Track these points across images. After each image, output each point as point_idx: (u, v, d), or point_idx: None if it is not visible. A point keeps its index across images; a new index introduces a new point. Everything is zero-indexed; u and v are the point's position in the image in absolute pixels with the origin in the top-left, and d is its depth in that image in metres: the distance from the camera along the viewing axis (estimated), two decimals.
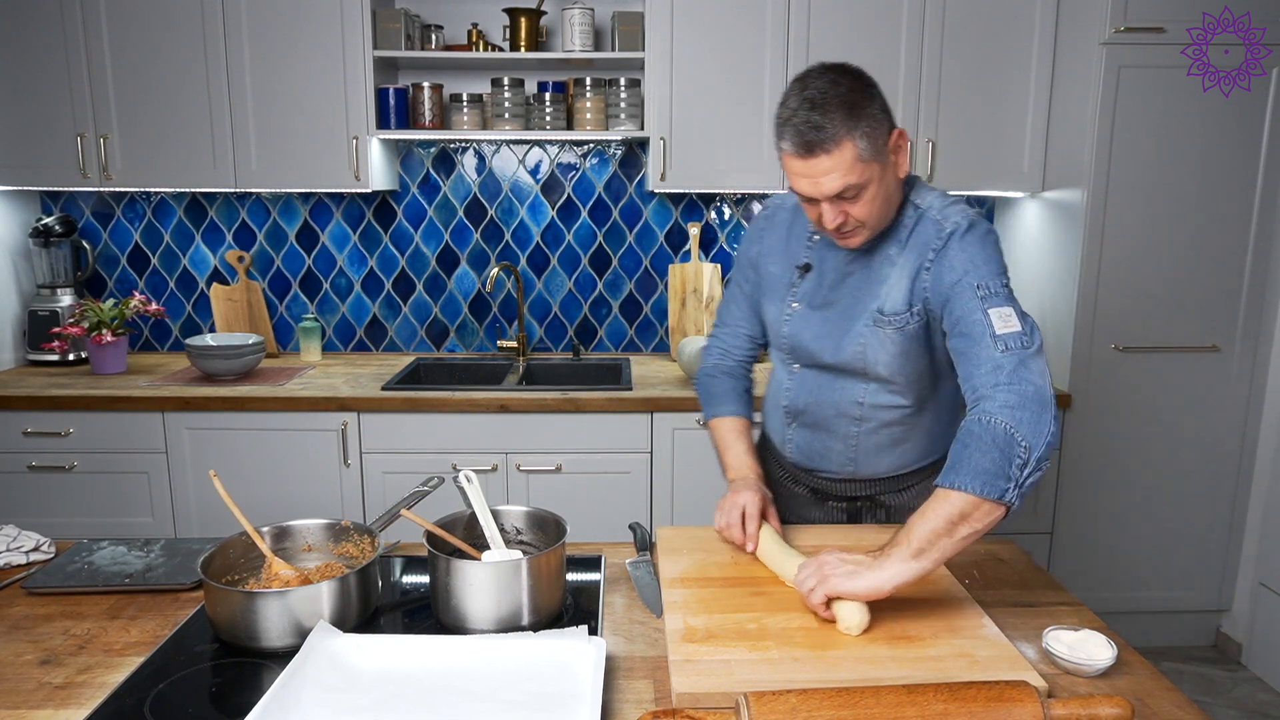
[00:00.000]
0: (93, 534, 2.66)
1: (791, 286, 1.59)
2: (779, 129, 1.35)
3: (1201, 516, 2.90)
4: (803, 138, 1.31)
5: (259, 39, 2.77)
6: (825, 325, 1.54)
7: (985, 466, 1.23)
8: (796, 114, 1.32)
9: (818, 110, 1.31)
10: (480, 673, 1.12)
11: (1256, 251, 2.75)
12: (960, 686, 1.01)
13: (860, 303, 1.50)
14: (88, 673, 1.18)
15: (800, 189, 1.38)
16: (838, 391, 1.57)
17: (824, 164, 1.33)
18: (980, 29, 2.81)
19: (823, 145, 1.31)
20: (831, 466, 1.65)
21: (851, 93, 1.33)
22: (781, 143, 1.35)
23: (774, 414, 1.72)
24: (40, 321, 3.01)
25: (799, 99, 1.33)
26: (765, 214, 1.68)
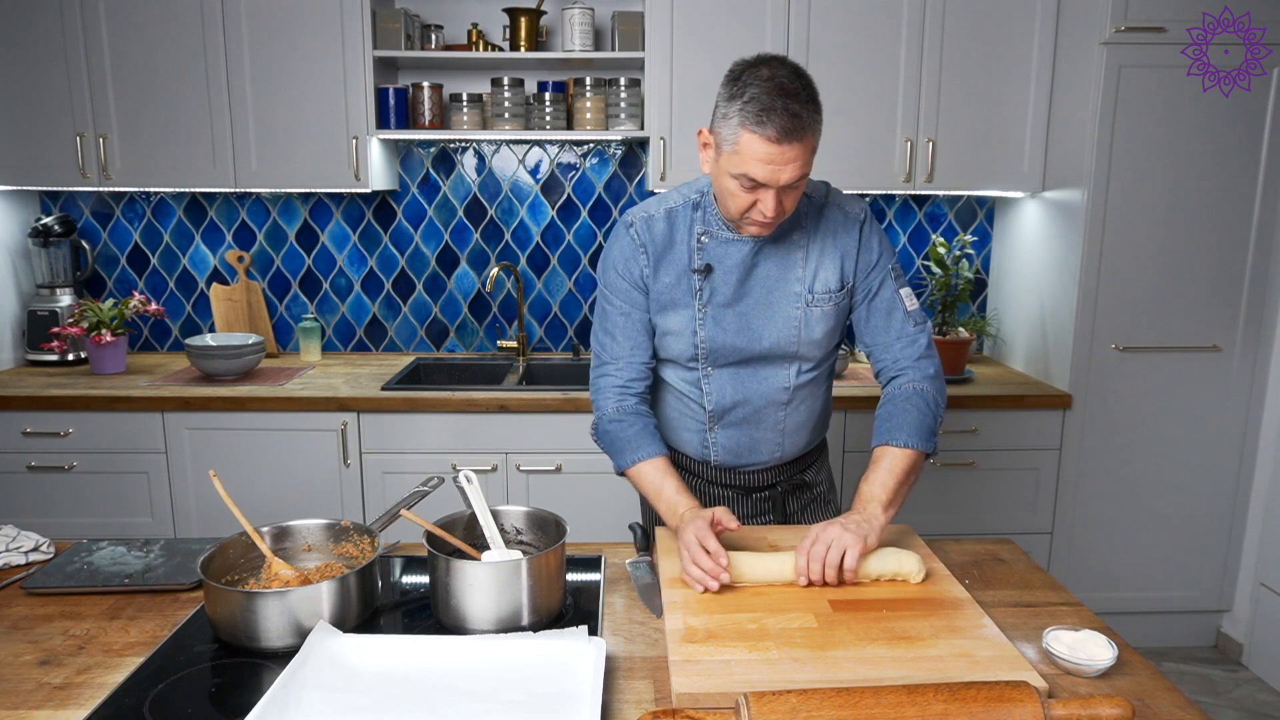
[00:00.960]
0: (92, 534, 2.66)
1: (696, 291, 1.57)
2: (752, 114, 1.35)
3: (1201, 516, 2.90)
4: (782, 125, 1.34)
5: (259, 39, 2.77)
6: (743, 319, 1.58)
7: (923, 426, 1.52)
8: (775, 100, 1.34)
9: (794, 100, 1.35)
10: (480, 673, 1.12)
11: (1256, 251, 2.75)
12: (960, 686, 1.00)
13: (779, 289, 1.57)
14: (87, 673, 1.18)
15: (755, 174, 1.38)
16: (763, 381, 1.62)
17: (792, 152, 1.36)
18: (980, 29, 2.81)
19: (799, 134, 1.36)
20: (761, 457, 1.69)
21: (811, 87, 1.41)
22: (753, 127, 1.35)
23: (683, 424, 1.69)
24: (40, 321, 3.01)
25: (770, 86, 1.35)
26: (633, 230, 1.59)
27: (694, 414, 1.67)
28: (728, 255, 1.56)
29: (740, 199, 1.43)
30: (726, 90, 1.40)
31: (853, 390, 2.74)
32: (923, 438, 1.50)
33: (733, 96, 1.38)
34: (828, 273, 1.57)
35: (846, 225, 1.58)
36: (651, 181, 2.91)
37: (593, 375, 1.67)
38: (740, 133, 1.37)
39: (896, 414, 1.53)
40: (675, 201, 1.60)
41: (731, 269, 1.56)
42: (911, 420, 1.51)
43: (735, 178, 1.41)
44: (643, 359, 1.63)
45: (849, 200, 1.62)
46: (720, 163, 1.43)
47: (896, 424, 1.51)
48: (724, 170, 1.42)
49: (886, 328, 1.60)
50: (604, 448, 1.64)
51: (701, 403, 1.65)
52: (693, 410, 1.67)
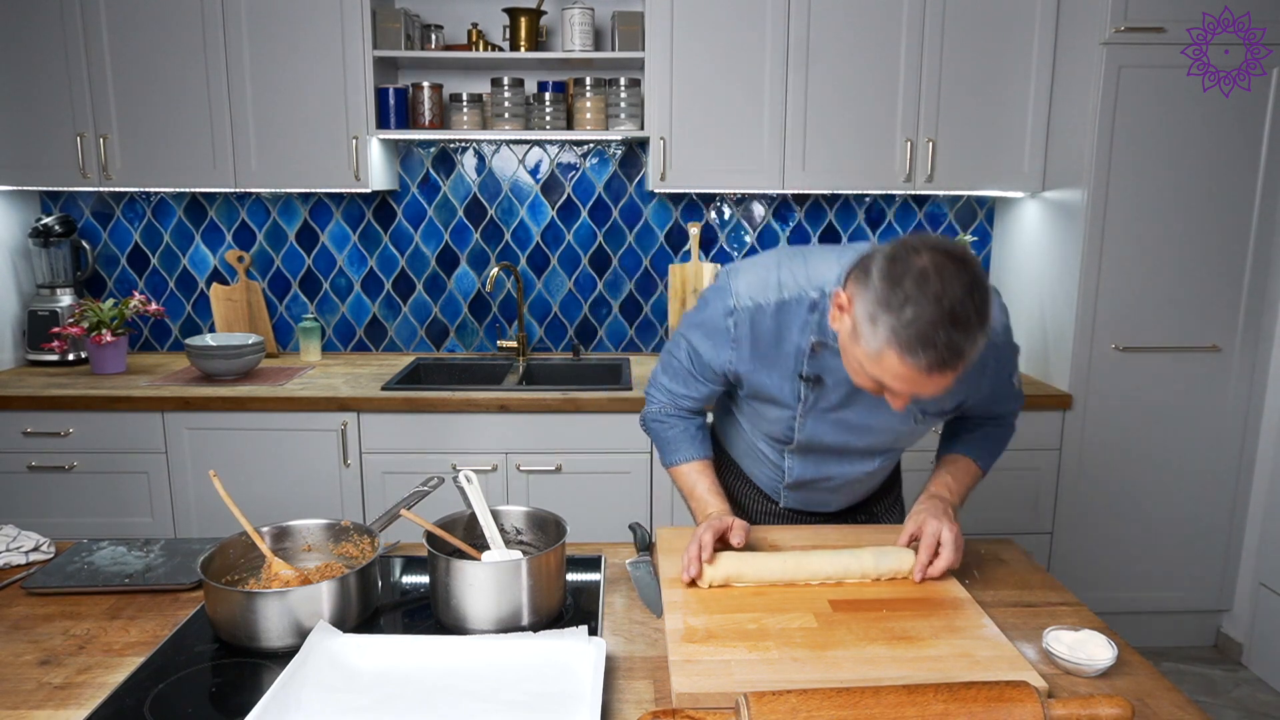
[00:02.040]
0: (93, 534, 2.66)
1: (800, 399, 1.46)
2: (905, 340, 1.12)
3: (1201, 516, 2.90)
4: (940, 359, 1.12)
5: (259, 39, 2.77)
6: (843, 424, 1.49)
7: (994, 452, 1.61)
8: (938, 332, 1.10)
9: (960, 329, 1.11)
10: (480, 673, 1.12)
11: (1256, 251, 2.75)
12: (960, 686, 1.01)
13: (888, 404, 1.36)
14: (87, 673, 1.18)
15: (892, 387, 1.20)
16: (849, 466, 1.58)
17: (942, 380, 1.16)
18: (980, 29, 2.81)
19: (955, 367, 1.14)
20: (831, 509, 1.69)
21: (985, 303, 1.14)
22: (904, 354, 1.13)
23: (757, 466, 1.67)
24: (40, 321, 3.01)
25: (937, 311, 1.10)
26: (733, 320, 1.42)
27: (770, 475, 1.65)
28: (840, 366, 1.35)
29: (869, 386, 1.25)
30: (883, 287, 1.13)
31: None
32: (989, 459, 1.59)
33: (889, 303, 1.12)
34: (944, 397, 1.44)
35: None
36: (651, 181, 2.91)
37: (649, 383, 1.66)
38: (886, 349, 1.14)
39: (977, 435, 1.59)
40: (790, 292, 1.38)
41: (843, 380, 1.40)
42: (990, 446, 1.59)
43: (868, 375, 1.22)
44: (691, 405, 1.60)
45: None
46: (854, 349, 1.21)
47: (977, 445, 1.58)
48: (856, 357, 1.22)
49: (990, 408, 1.58)
50: (652, 439, 1.68)
51: (782, 468, 1.61)
52: (769, 471, 1.65)
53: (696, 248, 3.22)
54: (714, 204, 3.24)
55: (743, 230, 3.26)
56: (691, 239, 3.22)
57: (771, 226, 3.26)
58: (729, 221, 3.26)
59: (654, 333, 3.34)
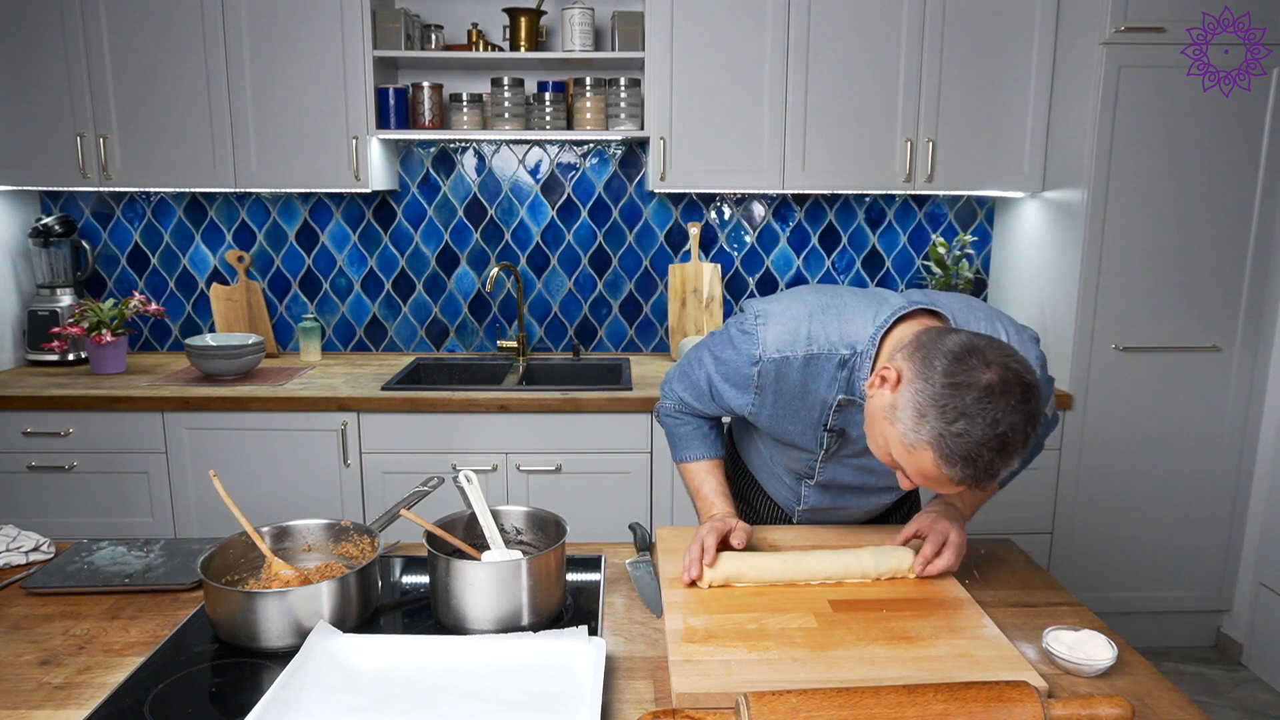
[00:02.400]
0: (93, 534, 2.66)
1: (822, 447, 1.45)
2: (948, 450, 1.09)
3: (1201, 516, 2.90)
4: (975, 476, 1.11)
5: (259, 39, 2.77)
6: (865, 468, 1.49)
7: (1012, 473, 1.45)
8: (983, 453, 1.09)
9: (1004, 456, 1.10)
10: (480, 673, 1.12)
11: (1256, 251, 2.75)
12: (960, 686, 1.01)
13: None
14: (87, 673, 1.18)
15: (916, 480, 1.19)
16: (865, 499, 1.59)
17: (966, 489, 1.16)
18: (980, 29, 2.81)
19: (986, 483, 1.13)
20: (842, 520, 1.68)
21: (1034, 432, 1.12)
22: (941, 460, 1.10)
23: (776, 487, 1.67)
24: (40, 321, 3.01)
25: (990, 434, 1.08)
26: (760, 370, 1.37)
27: (788, 492, 1.64)
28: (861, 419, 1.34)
29: (885, 460, 1.22)
30: (943, 386, 1.09)
31: None
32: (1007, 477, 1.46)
33: (943, 409, 1.09)
34: None
35: None
36: (651, 181, 2.91)
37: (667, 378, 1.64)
38: (924, 450, 1.12)
39: None
40: (820, 347, 1.34)
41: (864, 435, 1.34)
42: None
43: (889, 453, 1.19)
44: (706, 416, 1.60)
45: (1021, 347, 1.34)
46: (886, 428, 1.17)
47: None
48: (885, 434, 1.18)
49: None
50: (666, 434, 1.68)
51: (797, 495, 1.62)
52: (786, 489, 1.64)
53: (696, 248, 3.22)
54: (714, 204, 3.24)
55: (743, 230, 3.26)
56: (691, 239, 3.22)
57: (771, 226, 3.26)
58: (729, 221, 3.26)
59: (654, 333, 3.34)
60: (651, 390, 2.73)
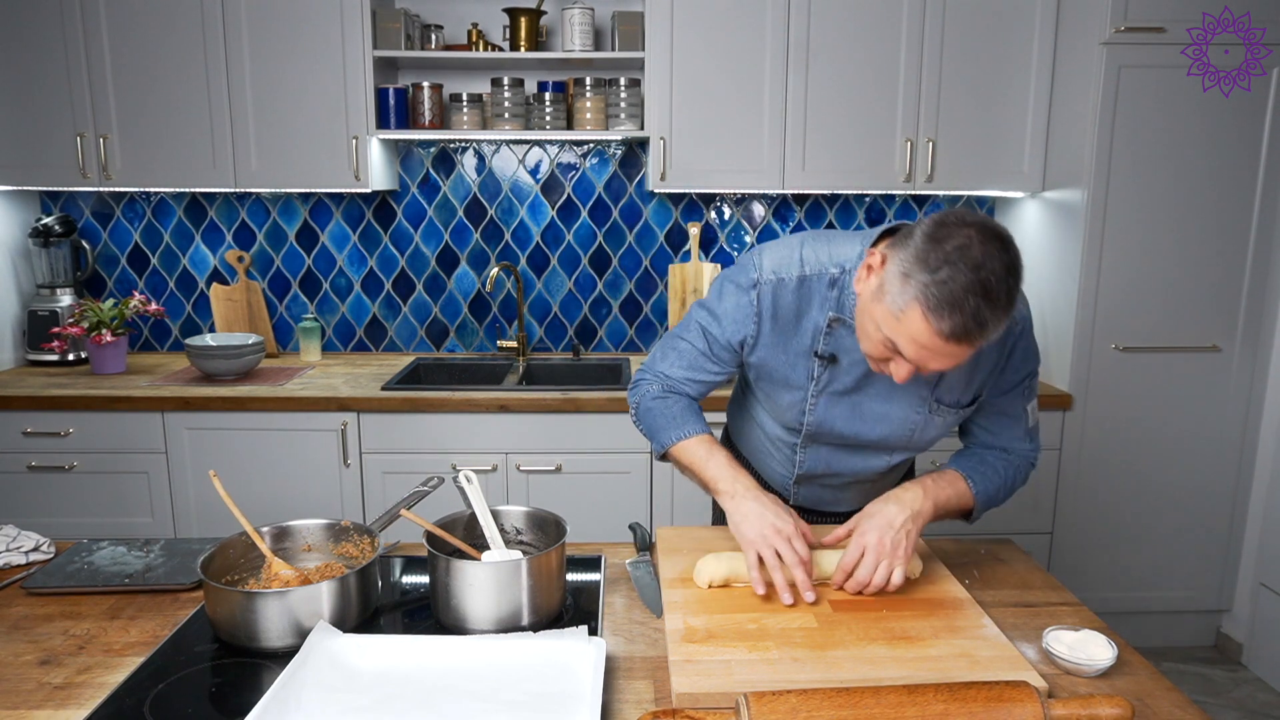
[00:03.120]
0: (93, 534, 2.66)
1: (814, 376, 1.45)
2: (930, 299, 1.13)
3: (1201, 516, 2.90)
4: (964, 327, 1.13)
5: (259, 39, 2.77)
6: (857, 409, 1.47)
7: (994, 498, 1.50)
8: (969, 299, 1.11)
9: (990, 302, 1.12)
10: (480, 673, 1.12)
11: (1256, 251, 2.75)
12: (960, 686, 1.01)
13: (903, 389, 1.42)
14: (87, 673, 1.18)
15: (907, 353, 1.20)
16: (861, 461, 1.56)
17: (960, 352, 1.17)
18: (980, 29, 2.81)
19: (975, 340, 1.15)
20: (842, 509, 1.67)
21: (1017, 288, 1.16)
22: (926, 313, 1.13)
23: (769, 465, 1.66)
24: (40, 321, 3.01)
25: (974, 279, 1.11)
26: (758, 294, 1.42)
27: (781, 466, 1.63)
28: (856, 347, 1.38)
29: (876, 350, 1.26)
30: (924, 247, 1.15)
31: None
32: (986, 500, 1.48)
33: (926, 262, 1.14)
34: (960, 384, 1.43)
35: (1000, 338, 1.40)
36: (651, 181, 2.91)
37: (636, 375, 1.62)
38: (912, 306, 1.15)
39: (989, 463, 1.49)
40: (812, 268, 1.40)
41: (858, 361, 1.40)
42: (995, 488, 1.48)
43: (882, 336, 1.22)
44: (692, 392, 1.55)
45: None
46: (876, 308, 1.21)
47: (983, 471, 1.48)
48: (875, 318, 1.22)
49: (996, 433, 1.51)
50: (646, 427, 1.55)
51: (793, 462, 1.60)
52: (781, 463, 1.63)
53: (696, 248, 3.22)
54: (714, 204, 3.24)
55: (743, 230, 3.26)
56: (691, 239, 3.22)
57: (771, 226, 3.26)
58: (729, 221, 3.26)
59: (654, 333, 3.34)
60: None
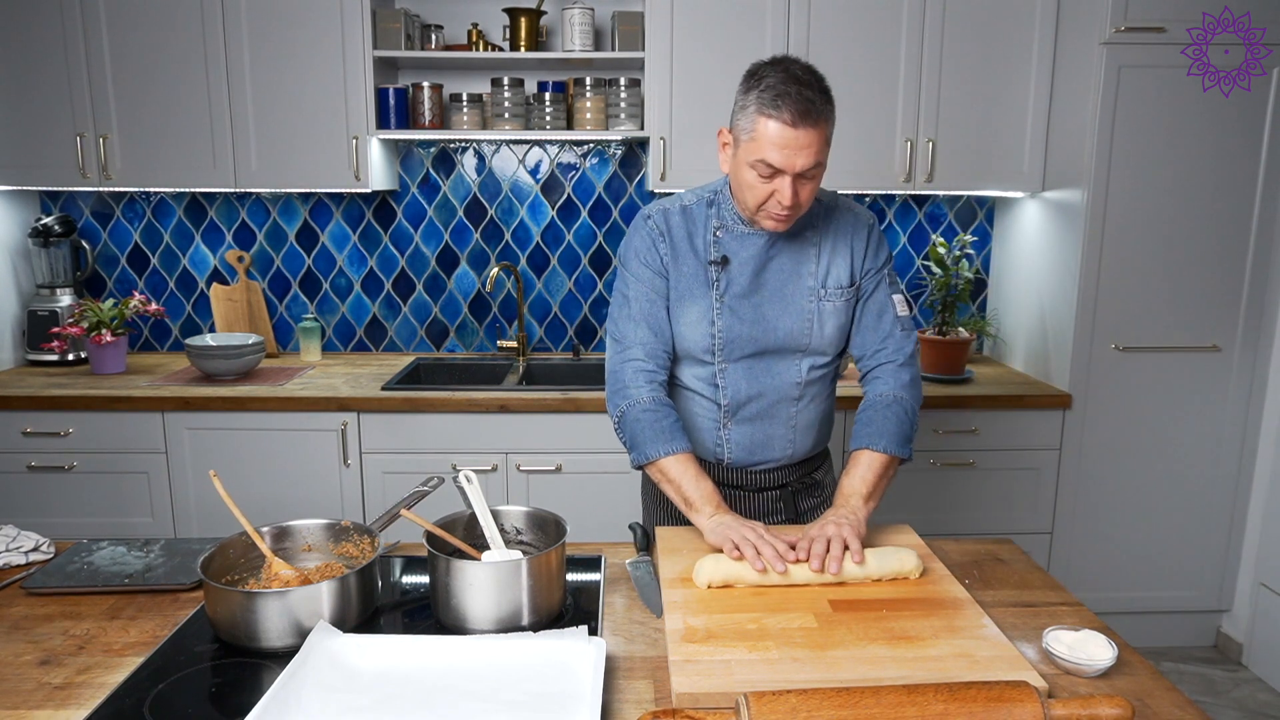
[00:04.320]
0: (92, 534, 2.67)
1: (713, 283, 1.62)
2: (768, 99, 1.42)
3: (1201, 516, 2.90)
4: (798, 108, 1.40)
5: (259, 39, 2.77)
6: (758, 310, 1.62)
7: (901, 434, 1.60)
8: (789, 87, 1.41)
9: (808, 88, 1.42)
10: (480, 673, 1.12)
11: (1256, 251, 2.75)
12: (960, 686, 1.00)
13: (793, 283, 1.63)
14: (87, 673, 1.18)
15: (773, 160, 1.44)
16: (776, 375, 1.67)
17: (807, 137, 1.42)
18: (980, 29, 2.81)
19: (813, 119, 1.42)
20: (774, 454, 1.71)
21: (823, 81, 1.47)
22: (770, 111, 1.42)
23: (695, 423, 1.71)
24: (40, 321, 3.01)
25: (785, 76, 1.43)
26: (651, 221, 1.65)
27: (708, 412, 1.70)
28: (743, 248, 1.62)
29: (758, 190, 1.49)
30: (744, 85, 1.48)
31: (855, 390, 2.73)
32: (900, 444, 1.59)
33: (749, 89, 1.46)
34: (839, 269, 1.64)
35: (857, 226, 1.67)
36: (651, 181, 2.91)
37: (614, 362, 1.65)
38: (757, 119, 1.44)
39: (877, 420, 1.61)
40: (690, 200, 1.67)
41: (747, 261, 1.61)
42: (891, 428, 1.59)
43: (753, 166, 1.46)
44: (664, 347, 1.65)
45: (858, 205, 1.71)
46: (739, 154, 1.49)
47: (877, 430, 1.59)
48: (742, 161, 1.48)
49: (875, 328, 1.68)
50: (629, 436, 1.59)
51: (717, 399, 1.68)
52: (707, 408, 1.70)
53: None
54: None
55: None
56: None
57: None
58: None
59: None
60: None
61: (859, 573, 1.39)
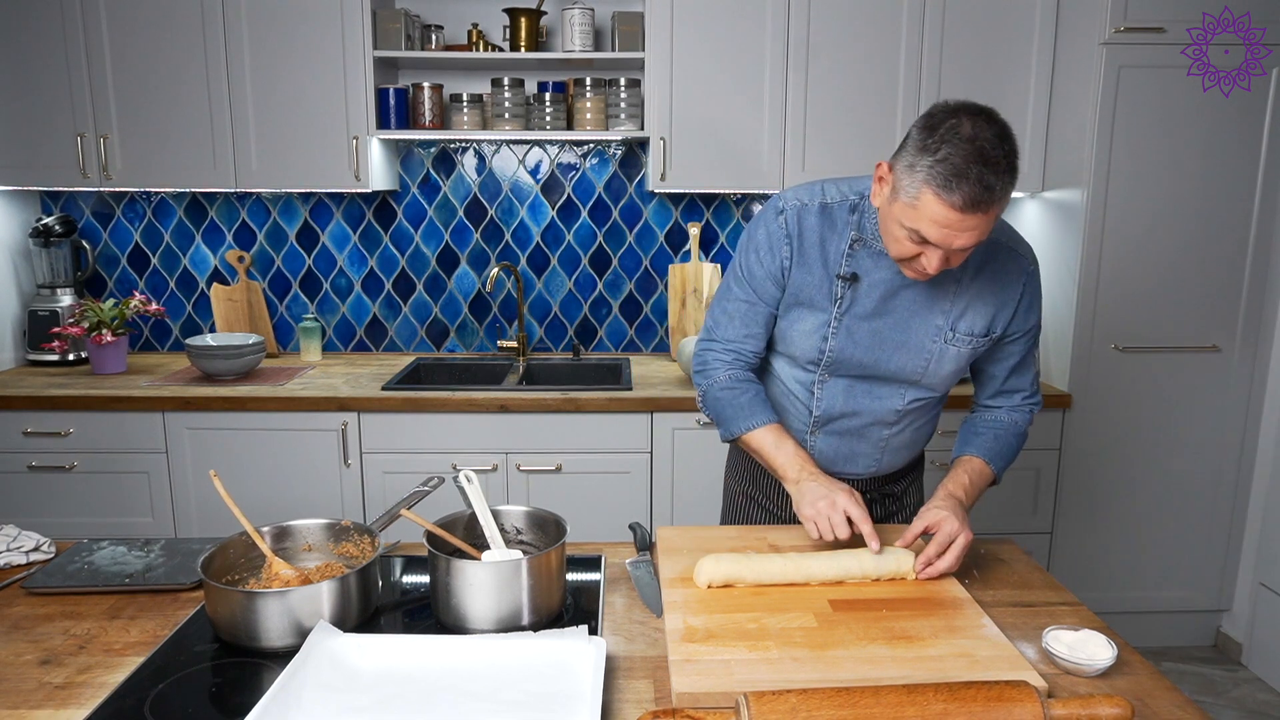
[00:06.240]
0: (93, 534, 2.66)
1: (836, 299, 1.50)
2: (940, 175, 1.24)
3: (1201, 516, 2.90)
4: (972, 195, 1.23)
5: (259, 39, 2.77)
6: (877, 336, 1.51)
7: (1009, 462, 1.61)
8: (970, 168, 1.23)
9: (991, 169, 1.24)
10: (480, 673, 1.12)
11: (1256, 251, 2.75)
12: (960, 686, 1.01)
13: (920, 317, 1.50)
14: (88, 673, 1.18)
15: (930, 236, 1.29)
16: (876, 400, 1.59)
17: (974, 221, 1.26)
18: (980, 29, 2.81)
19: (986, 206, 1.25)
20: (856, 469, 1.67)
21: (1013, 152, 1.27)
22: (939, 190, 1.24)
23: (786, 419, 1.66)
24: (40, 321, 3.01)
25: (968, 149, 1.23)
26: (784, 217, 1.51)
27: (798, 414, 1.64)
28: (877, 268, 1.48)
29: (904, 247, 1.35)
30: (920, 137, 1.28)
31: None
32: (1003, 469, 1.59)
33: (925, 148, 1.26)
34: (976, 316, 1.51)
35: (1013, 274, 1.51)
36: (651, 181, 2.91)
37: (699, 347, 1.66)
38: (924, 190, 1.26)
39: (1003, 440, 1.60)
40: (833, 197, 1.51)
41: (877, 283, 1.49)
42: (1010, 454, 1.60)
43: (906, 229, 1.32)
44: (754, 348, 1.61)
45: (1021, 243, 1.54)
46: (894, 208, 1.33)
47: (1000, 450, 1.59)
48: (895, 217, 1.33)
49: (1016, 387, 1.62)
50: (714, 414, 1.62)
51: (810, 406, 1.61)
52: (798, 410, 1.64)
53: (696, 248, 3.22)
54: (714, 204, 3.24)
55: (742, 231, 3.26)
56: (691, 239, 3.22)
57: None
58: (729, 221, 3.26)
59: (654, 333, 3.34)
60: (652, 390, 2.73)
61: (858, 572, 1.39)
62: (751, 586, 1.37)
